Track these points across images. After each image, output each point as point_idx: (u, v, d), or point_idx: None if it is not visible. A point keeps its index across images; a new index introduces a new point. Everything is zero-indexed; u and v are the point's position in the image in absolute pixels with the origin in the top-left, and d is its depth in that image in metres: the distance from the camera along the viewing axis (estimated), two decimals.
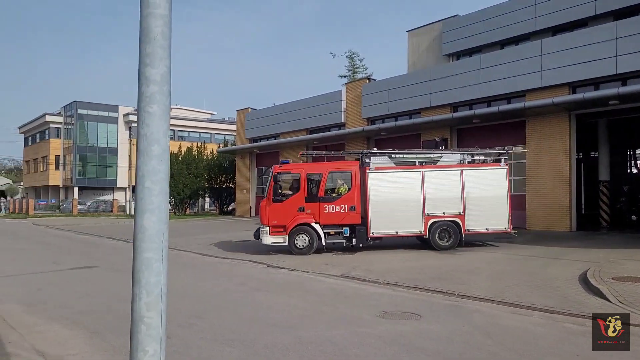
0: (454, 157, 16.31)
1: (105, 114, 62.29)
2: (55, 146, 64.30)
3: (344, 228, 15.64)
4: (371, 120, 29.84)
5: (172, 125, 64.71)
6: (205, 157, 45.58)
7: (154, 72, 2.20)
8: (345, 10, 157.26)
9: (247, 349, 6.46)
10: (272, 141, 34.91)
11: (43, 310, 8.72)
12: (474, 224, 15.61)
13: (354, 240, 15.68)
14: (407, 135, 27.61)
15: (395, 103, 27.95)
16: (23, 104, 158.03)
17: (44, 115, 65.64)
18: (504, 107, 22.15)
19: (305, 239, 15.45)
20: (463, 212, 15.52)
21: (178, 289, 10.77)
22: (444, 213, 15.52)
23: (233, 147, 40.87)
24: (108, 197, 62.98)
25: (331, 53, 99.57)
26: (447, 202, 15.54)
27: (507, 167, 15.59)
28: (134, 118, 62.46)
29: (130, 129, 63.03)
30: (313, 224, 15.37)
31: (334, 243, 15.63)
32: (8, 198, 74.75)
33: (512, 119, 22.98)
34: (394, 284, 10.90)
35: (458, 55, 29.99)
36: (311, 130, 33.48)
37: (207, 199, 58.17)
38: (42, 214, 51.80)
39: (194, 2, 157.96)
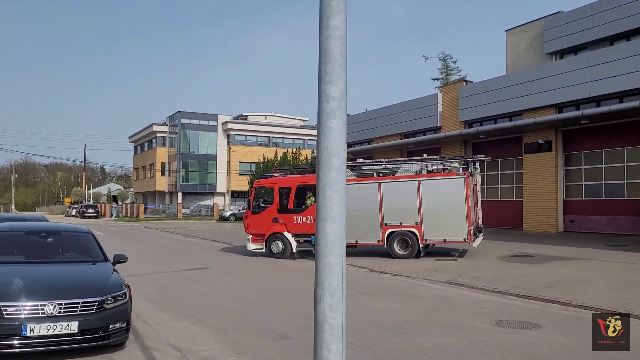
0: (414, 167, 16.58)
1: (205, 122, 65.54)
2: (161, 154, 68.60)
3: (312, 237, 16.82)
4: (468, 124, 29.09)
5: (267, 132, 66.87)
6: (299, 163, 46.56)
7: (334, 90, 2.35)
8: (433, 12, 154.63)
9: (368, 352, 6.57)
10: (365, 146, 35.03)
11: (170, 308, 9.38)
12: (432, 235, 15.83)
13: None
14: (508, 139, 26.59)
15: (494, 105, 27.05)
16: (133, 115, 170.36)
17: (151, 125, 70.30)
18: (617, 106, 20.70)
19: (279, 245, 17.27)
20: (420, 222, 15.84)
21: (287, 291, 11.15)
22: (400, 223, 16.02)
23: None
24: (208, 201, 66.16)
25: (423, 56, 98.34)
26: (404, 212, 15.97)
27: (464, 176, 15.35)
28: (232, 126, 65.22)
29: (228, 136, 65.86)
30: (285, 233, 17.18)
31: (303, 250, 17.06)
32: (120, 203, 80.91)
33: (626, 119, 21.42)
34: (505, 292, 10.57)
35: (562, 53, 28.45)
36: (405, 135, 33.23)
37: None
38: (150, 217, 55.50)
39: (280, 9, 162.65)
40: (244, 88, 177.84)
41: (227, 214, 50.69)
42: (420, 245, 15.97)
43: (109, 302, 6.12)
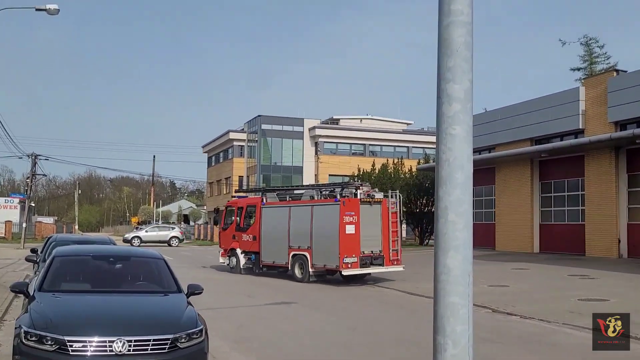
0: (311, 192, 21.53)
1: (290, 128, 67.09)
2: (239, 166, 71.04)
3: (252, 255, 22.75)
4: (621, 125, 27.50)
5: (362, 138, 67.22)
6: (402, 176, 46.31)
7: (457, 89, 2.32)
8: None
9: None
10: (485, 155, 34.14)
11: (251, 350, 9.64)
12: (318, 259, 19.75)
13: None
14: None
15: None
16: (207, 122, 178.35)
17: (227, 132, 73.17)
18: None
19: (233, 261, 23.34)
20: (310, 246, 19.98)
21: (391, 334, 11.04)
22: (299, 247, 20.41)
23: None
24: None
25: (560, 40, 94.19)
26: (301, 236, 20.26)
27: (340, 202, 19.11)
28: (320, 132, 66.26)
29: (316, 144, 66.96)
30: (237, 250, 23.15)
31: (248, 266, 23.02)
32: (192, 223, 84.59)
33: None
34: None
35: None
36: (537, 140, 32.01)
37: (404, 226, 58.87)
38: None
39: None
40: (335, 87, 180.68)
41: None
42: (310, 270, 19.95)
43: (183, 340, 6.37)
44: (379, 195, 20.78)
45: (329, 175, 65.25)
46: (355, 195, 20.07)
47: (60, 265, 7.79)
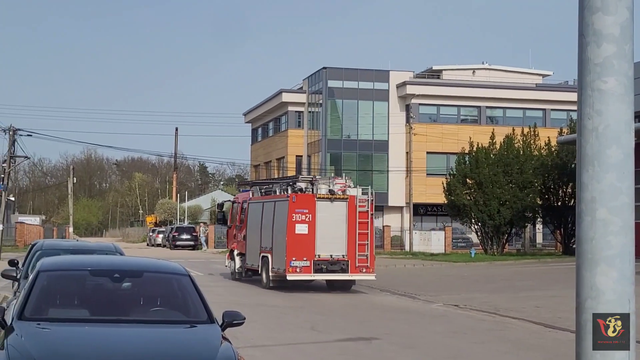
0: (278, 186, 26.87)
1: (369, 85, 66.98)
2: (296, 140, 71.45)
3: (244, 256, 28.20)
4: None
5: (476, 98, 66.56)
6: (536, 153, 45.69)
7: (609, 22, 2.23)
8: None
9: None
10: None
11: None
12: (277, 263, 24.40)
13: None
14: None
15: None
16: (249, 79, 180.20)
17: (279, 93, 73.72)
18: None
19: (232, 264, 29.41)
20: (271, 246, 24.60)
21: None
22: (265, 248, 25.23)
23: None
24: (375, 221, 67.27)
25: None
26: (267, 235, 25.08)
27: (289, 198, 23.85)
28: (414, 90, 65.96)
29: (408, 108, 66.69)
30: (234, 251, 29.07)
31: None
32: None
33: None
34: None
35: None
36: None
37: (539, 226, 58.12)
38: None
39: None
40: (435, 25, 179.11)
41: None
42: (270, 274, 24.63)
43: None
44: (351, 192, 24.72)
45: (427, 153, 64.95)
46: (312, 190, 24.18)
47: (48, 283, 7.98)
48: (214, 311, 7.86)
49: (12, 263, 16.57)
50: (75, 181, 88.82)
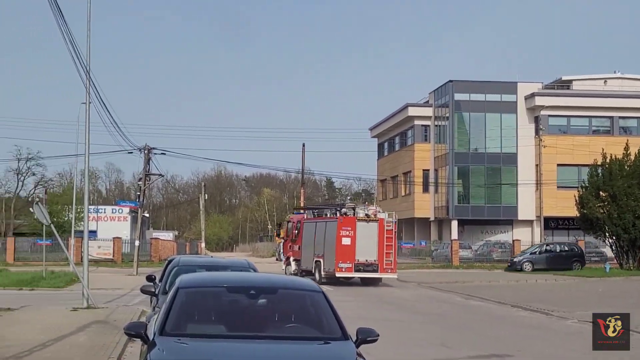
0: (327, 210, 40.67)
1: (496, 97, 66.17)
2: (422, 154, 71.17)
3: (297, 262, 39.49)
4: None
5: (608, 108, 64.67)
6: None
7: None
8: None
9: None
10: None
11: None
12: (328, 265, 35.50)
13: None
14: None
15: None
16: (375, 94, 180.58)
17: (405, 107, 73.63)
18: None
19: (289, 268, 39.56)
20: (323, 254, 36.02)
21: None
22: (318, 254, 36.48)
23: None
24: (503, 236, 66.25)
25: None
26: (320, 245, 36.58)
27: (337, 219, 35.65)
28: (542, 101, 64.69)
29: (537, 120, 65.32)
30: (291, 258, 40.51)
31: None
32: None
33: None
34: None
35: None
36: None
37: None
38: (407, 263, 57.84)
39: None
40: (563, 35, 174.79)
41: (520, 259, 50.22)
42: (322, 274, 35.63)
43: None
44: (381, 215, 36.66)
45: (557, 165, 63.47)
46: (353, 213, 36.23)
47: (187, 300, 8.22)
48: None
49: (150, 278, 17.14)
50: (206, 197, 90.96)
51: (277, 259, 77.61)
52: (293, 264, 39.10)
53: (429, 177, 71.32)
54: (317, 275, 35.53)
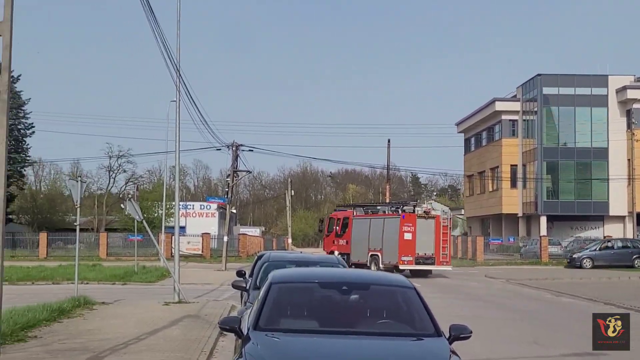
0: (384, 207, 44.49)
1: (586, 91, 64.86)
2: (510, 149, 70.26)
3: (344, 256, 39.24)
4: None
5: None
6: None
7: None
8: None
9: None
10: None
11: None
12: (386, 258, 39.18)
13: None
14: None
15: None
16: (461, 88, 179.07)
17: (492, 102, 72.78)
18: None
19: None
20: (382, 248, 39.68)
21: None
22: (374, 248, 40.13)
23: None
24: (594, 232, 64.96)
25: None
26: (376, 240, 40.23)
27: (400, 216, 38.68)
28: (634, 95, 63.02)
29: (629, 113, 63.67)
30: (335, 252, 40.46)
31: None
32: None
33: None
34: None
35: None
36: None
37: None
38: (494, 259, 57.22)
39: None
40: None
41: (580, 255, 49.44)
42: (381, 266, 38.63)
43: None
44: (435, 212, 42.01)
45: None
46: (414, 211, 39.58)
47: (279, 295, 8.32)
48: None
49: (240, 274, 17.36)
50: (292, 193, 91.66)
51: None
52: (338, 256, 41.42)
53: (517, 173, 70.47)
54: (372, 267, 39.08)
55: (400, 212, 39.52)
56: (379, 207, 45.48)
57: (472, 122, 79.63)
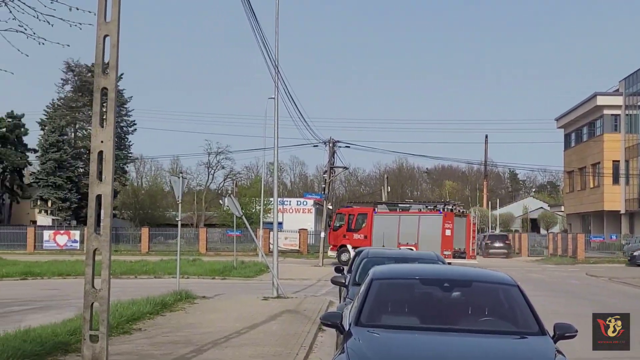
0: (418, 206, 47.51)
1: None
2: (612, 145, 68.59)
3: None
4: None
5: None
6: None
7: None
8: None
9: None
10: None
11: None
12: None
13: None
14: None
15: None
16: (561, 83, 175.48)
17: (593, 96, 71.14)
18: None
19: (347, 255, 41.11)
20: (417, 242, 41.71)
21: None
22: (407, 243, 41.47)
23: None
24: None
25: None
26: (409, 235, 42.59)
27: (442, 214, 42.37)
28: None
29: None
30: (347, 245, 44.12)
31: None
32: (544, 232, 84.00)
33: None
34: None
35: None
36: None
37: None
38: (596, 257, 55.95)
39: None
40: None
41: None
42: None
43: None
44: (468, 212, 48.70)
45: None
46: (451, 210, 43.19)
47: (381, 291, 8.32)
48: None
49: (338, 270, 17.43)
50: (388, 190, 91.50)
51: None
52: (352, 251, 38.57)
53: (619, 169, 68.77)
54: None
55: (441, 210, 43.38)
56: (400, 205, 49.18)
57: (572, 117, 78.01)
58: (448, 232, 41.67)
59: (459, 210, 44.69)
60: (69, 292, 25.03)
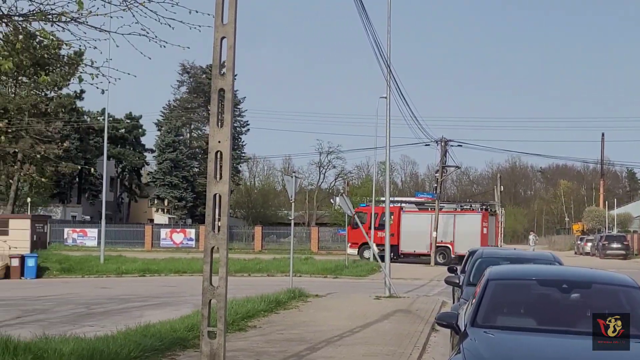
0: (451, 205, 53.75)
1: None
2: None
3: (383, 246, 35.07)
4: None
5: None
6: None
7: None
8: None
9: None
10: None
11: None
12: (459, 249, 44.56)
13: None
14: None
15: None
16: None
17: None
18: None
19: (366, 253, 47.49)
20: (453, 240, 47.57)
21: None
22: (442, 241, 47.78)
23: None
24: None
25: None
26: (443, 234, 47.83)
27: (481, 213, 47.58)
28: None
29: None
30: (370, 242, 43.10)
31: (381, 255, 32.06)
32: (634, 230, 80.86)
33: None
34: None
35: None
36: None
37: None
38: None
39: None
40: None
41: None
42: (452, 256, 45.90)
43: None
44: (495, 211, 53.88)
45: None
46: (486, 209, 48.17)
47: (497, 292, 8.16)
48: None
49: (451, 270, 17.26)
50: (501, 189, 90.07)
51: (575, 252, 75.05)
52: (375, 248, 38.59)
53: None
54: (438, 258, 46.33)
55: (480, 210, 47.93)
56: (426, 204, 52.21)
57: None
58: (485, 230, 45.78)
59: (492, 210, 50.07)
60: (185, 289, 25.67)
